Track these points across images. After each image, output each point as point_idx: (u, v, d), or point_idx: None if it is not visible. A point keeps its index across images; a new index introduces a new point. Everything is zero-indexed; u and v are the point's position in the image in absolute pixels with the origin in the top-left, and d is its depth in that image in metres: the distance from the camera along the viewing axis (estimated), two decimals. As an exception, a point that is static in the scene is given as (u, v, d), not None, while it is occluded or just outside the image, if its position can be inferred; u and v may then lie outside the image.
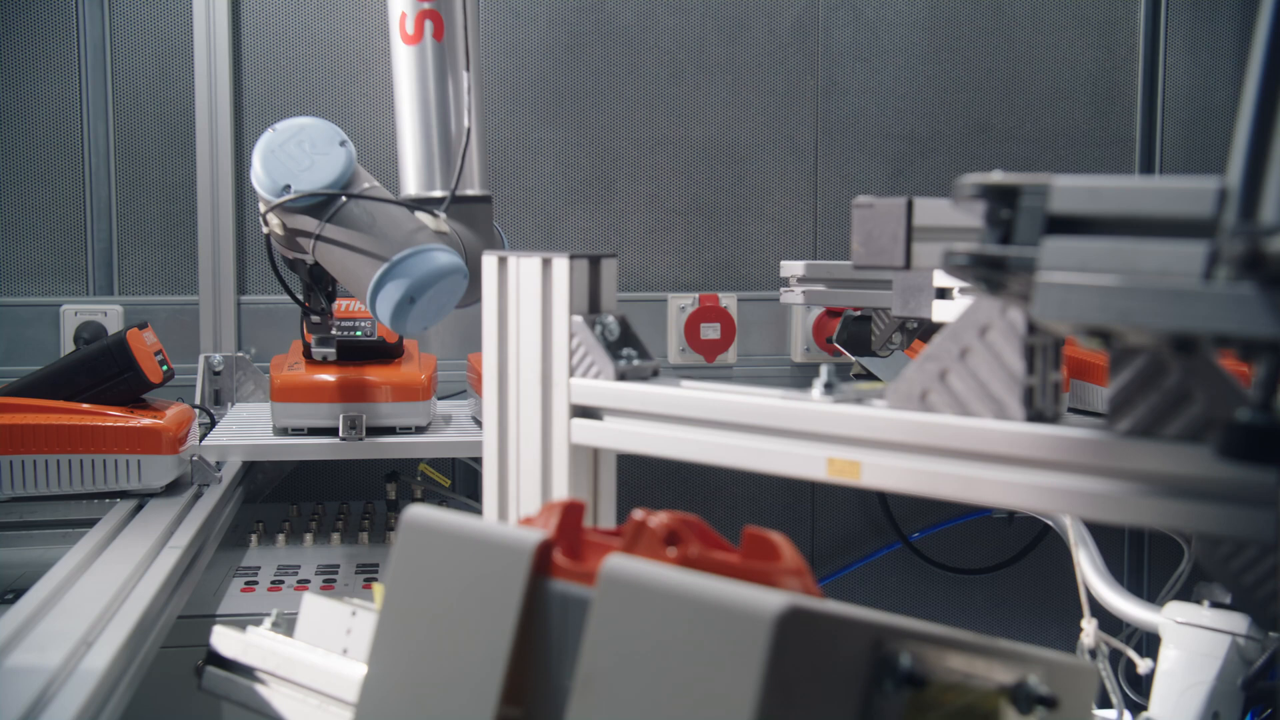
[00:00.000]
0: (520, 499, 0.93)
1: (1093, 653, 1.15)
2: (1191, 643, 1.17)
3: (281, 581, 1.47)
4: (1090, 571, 1.24)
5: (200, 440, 1.63)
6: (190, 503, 1.45)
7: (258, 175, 1.42)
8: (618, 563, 0.58)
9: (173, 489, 1.50)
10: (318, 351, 1.66)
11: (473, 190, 1.56)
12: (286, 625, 0.91)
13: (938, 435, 0.69)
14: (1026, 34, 2.42)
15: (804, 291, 1.51)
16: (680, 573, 0.56)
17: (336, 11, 2.20)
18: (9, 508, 1.44)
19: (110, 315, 2.09)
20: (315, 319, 1.64)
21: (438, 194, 1.54)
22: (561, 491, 0.90)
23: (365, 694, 0.67)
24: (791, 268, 1.54)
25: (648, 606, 0.56)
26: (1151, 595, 1.63)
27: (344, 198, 1.40)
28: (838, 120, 2.37)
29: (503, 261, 0.93)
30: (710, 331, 2.24)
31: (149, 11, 2.14)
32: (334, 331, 1.68)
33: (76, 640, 0.89)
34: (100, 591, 1.03)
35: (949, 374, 0.69)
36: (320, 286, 1.59)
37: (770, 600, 0.52)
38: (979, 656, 0.62)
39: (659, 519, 0.61)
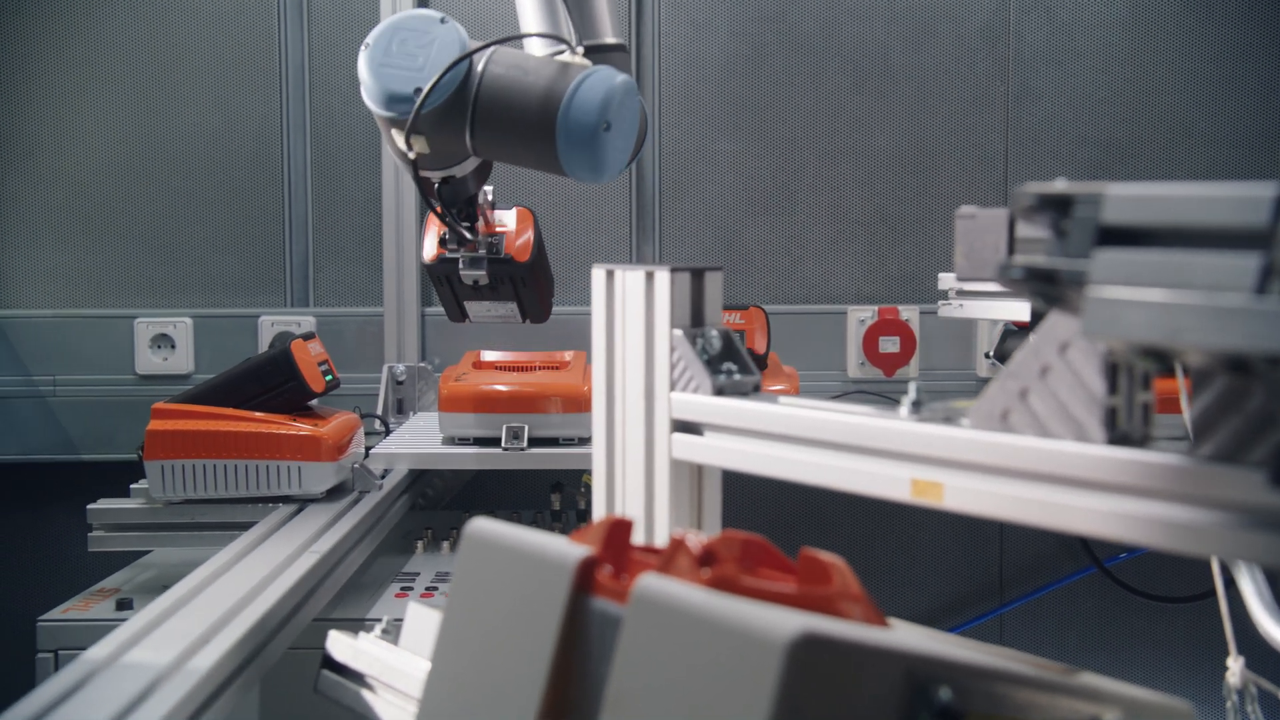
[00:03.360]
0: (627, 514, 0.93)
1: (1240, 694, 1.07)
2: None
3: (435, 588, 1.51)
4: (1254, 601, 1.15)
5: (371, 448, 1.69)
6: (346, 509, 1.50)
7: (377, 98, 1.27)
8: (648, 582, 0.57)
9: (335, 495, 1.55)
10: (467, 275, 1.54)
11: (610, 39, 1.43)
12: (397, 632, 0.93)
13: (1016, 457, 0.65)
14: (1238, 30, 2.28)
15: (963, 304, 1.46)
16: (707, 594, 0.55)
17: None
18: (181, 509, 1.52)
19: (304, 326, 2.19)
20: (453, 247, 1.53)
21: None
22: (663, 507, 0.89)
23: (425, 698, 0.68)
24: (950, 280, 1.50)
25: (673, 627, 0.55)
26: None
27: (487, 55, 1.25)
28: (1029, 126, 2.29)
29: (610, 274, 0.93)
30: (889, 345, 2.20)
31: (345, 32, 2.24)
32: (482, 251, 1.54)
33: (194, 639, 0.93)
34: (231, 593, 1.07)
35: (1029, 393, 0.65)
36: (455, 208, 1.45)
37: (785, 625, 0.50)
38: (1043, 692, 0.58)
39: (697, 538, 0.60)
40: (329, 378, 1.61)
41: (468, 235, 1.49)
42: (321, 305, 2.26)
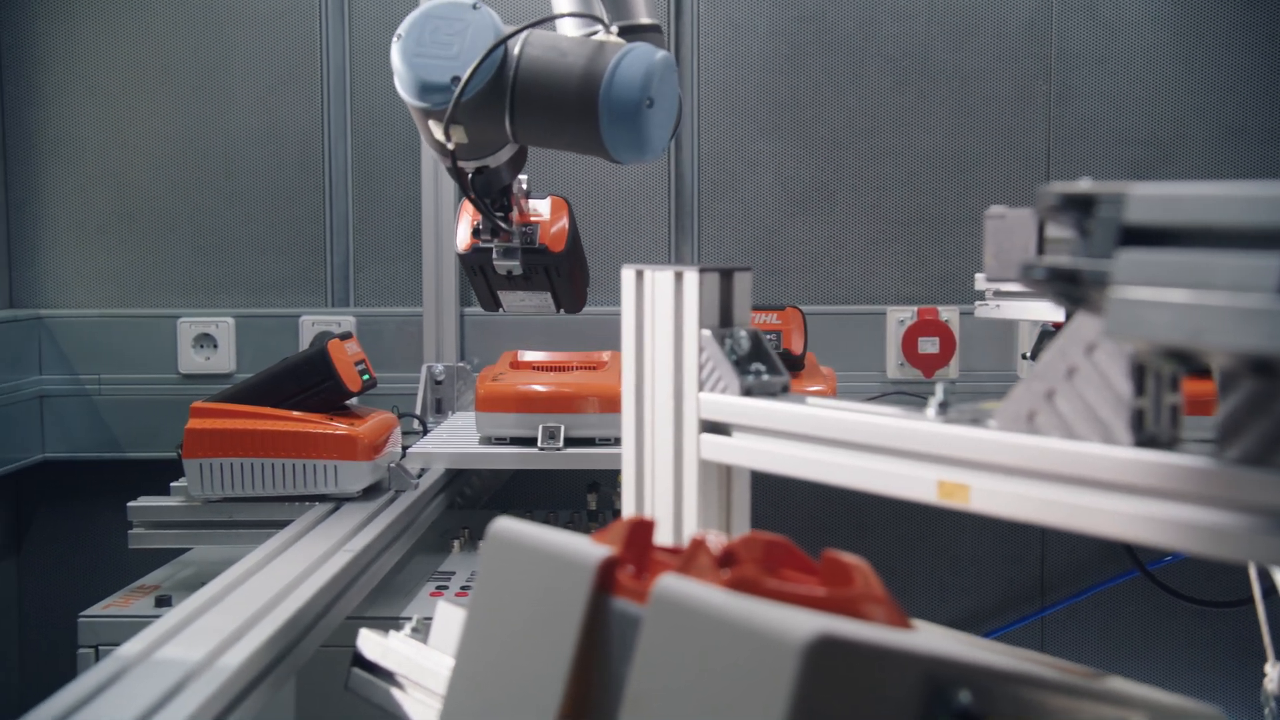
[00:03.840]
0: (656, 514, 0.93)
1: (1278, 700, 1.06)
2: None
3: (470, 587, 1.52)
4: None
5: (408, 447, 1.70)
6: (382, 508, 1.51)
7: (412, 88, 1.24)
8: (668, 583, 0.57)
9: (371, 494, 1.56)
10: (501, 265, 1.50)
11: (644, 19, 1.40)
12: (427, 631, 0.94)
13: (1042, 459, 0.65)
14: (1286, 27, 2.25)
15: (999, 305, 1.45)
16: (725, 595, 0.55)
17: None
18: (219, 507, 1.54)
19: (344, 325, 2.20)
20: (486, 237, 1.49)
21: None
22: (692, 508, 0.89)
23: (449, 696, 0.68)
24: (985, 280, 1.48)
25: (691, 628, 0.55)
26: None
27: (522, 39, 1.23)
28: (1072, 126, 2.27)
29: (640, 275, 0.93)
30: (929, 346, 2.18)
31: (385, 34, 2.23)
32: (515, 241, 1.51)
33: (226, 636, 0.94)
34: (264, 591, 1.08)
35: (1056, 394, 0.65)
36: (487, 198, 1.42)
37: (802, 627, 0.50)
38: (1067, 696, 0.58)
39: (718, 539, 0.60)
40: (366, 377, 1.62)
41: (503, 225, 1.47)
42: (361, 305, 2.27)
